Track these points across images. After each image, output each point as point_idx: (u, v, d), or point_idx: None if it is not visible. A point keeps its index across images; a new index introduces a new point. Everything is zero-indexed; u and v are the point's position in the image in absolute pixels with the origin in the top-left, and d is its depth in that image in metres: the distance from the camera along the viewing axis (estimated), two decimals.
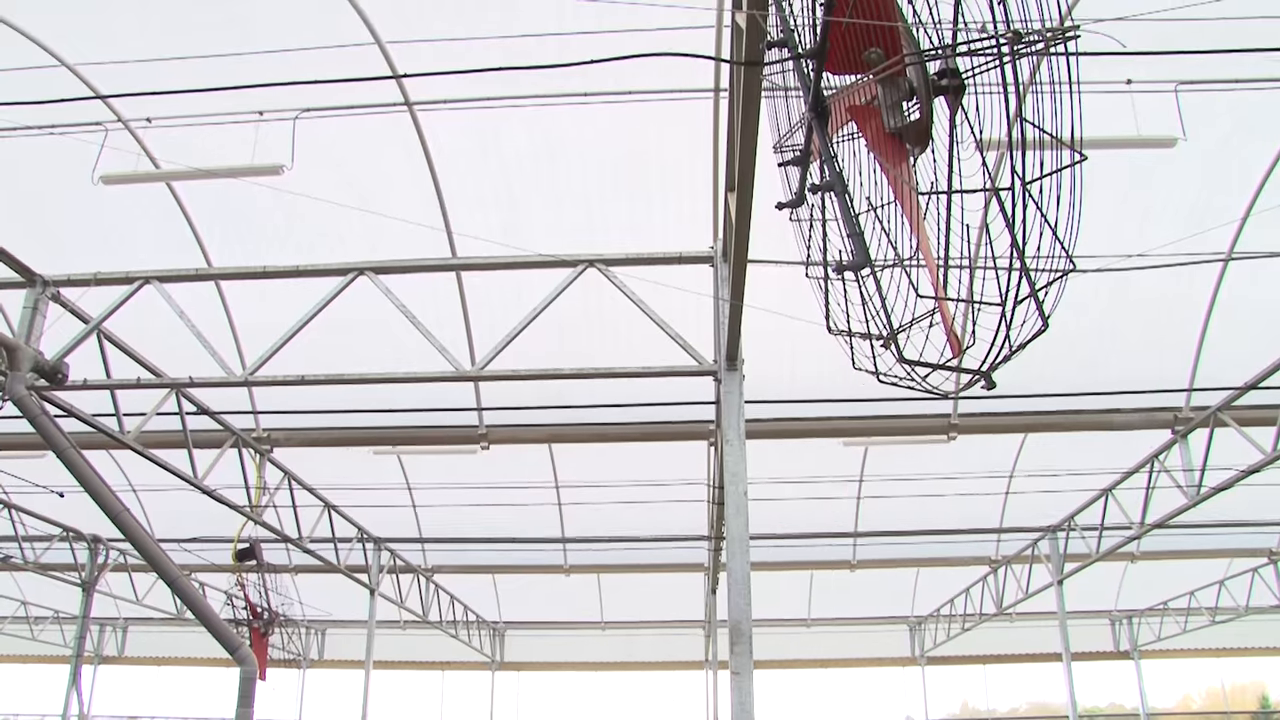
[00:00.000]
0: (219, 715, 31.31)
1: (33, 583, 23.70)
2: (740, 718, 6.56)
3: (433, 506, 19.71)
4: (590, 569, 22.91)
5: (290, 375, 9.63)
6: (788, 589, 24.68)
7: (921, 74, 3.89)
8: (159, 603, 23.05)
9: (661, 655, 28.37)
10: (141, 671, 31.43)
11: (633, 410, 14.70)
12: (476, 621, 26.45)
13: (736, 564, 6.79)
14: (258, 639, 15.97)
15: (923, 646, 27.81)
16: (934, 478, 18.03)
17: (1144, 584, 25.00)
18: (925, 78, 3.88)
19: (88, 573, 18.78)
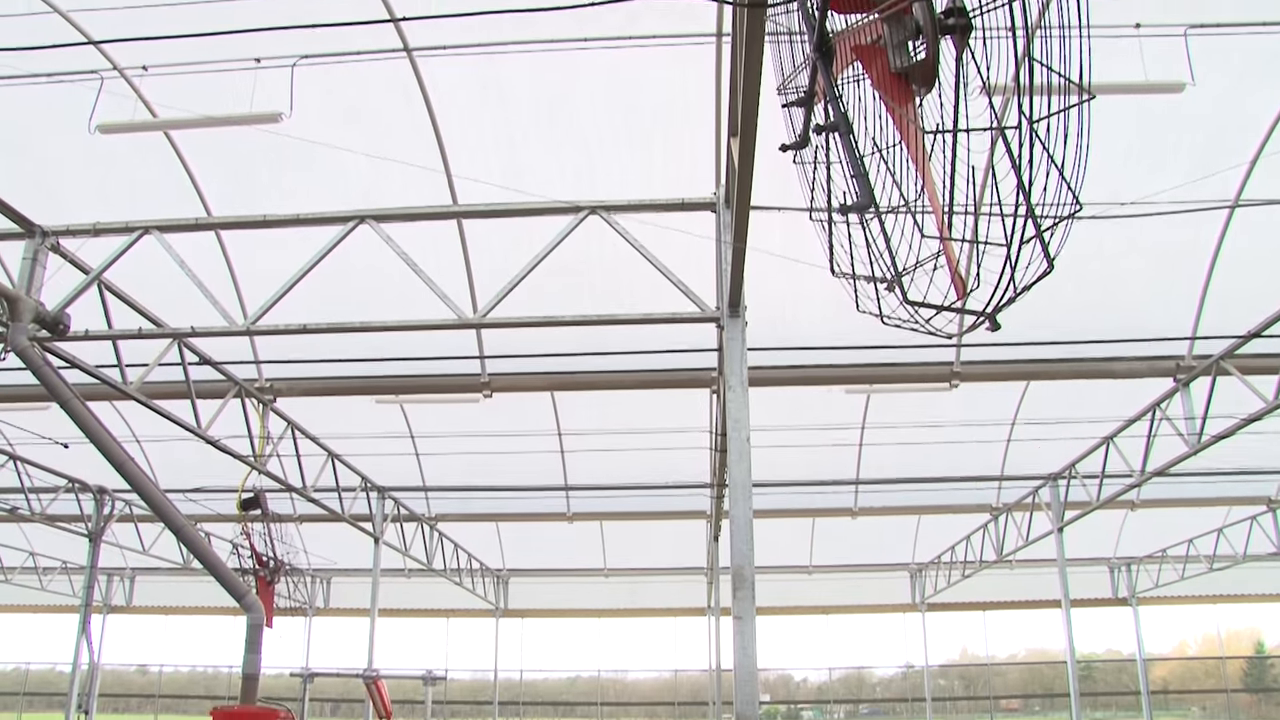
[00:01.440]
0: (226, 663, 31.73)
1: (40, 534, 23.89)
2: (743, 662, 6.61)
3: (436, 455, 19.78)
4: (593, 516, 23.05)
5: (292, 324, 9.61)
6: (790, 536, 24.83)
7: (928, 12, 3.83)
8: (165, 552, 23.25)
9: (664, 602, 28.62)
10: (149, 620, 31.80)
11: (635, 358, 14.69)
12: (480, 569, 26.64)
13: (739, 510, 6.81)
14: (264, 587, 16.07)
15: (923, 593, 28.04)
16: (936, 425, 18.06)
17: (1143, 532, 25.16)
18: (932, 16, 3.82)
19: (94, 523, 18.89)
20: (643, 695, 35.75)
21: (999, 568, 23.86)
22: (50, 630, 33.22)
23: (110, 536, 19.87)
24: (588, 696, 32.96)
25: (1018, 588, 28.08)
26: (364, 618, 19.27)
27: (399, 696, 13.34)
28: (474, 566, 25.96)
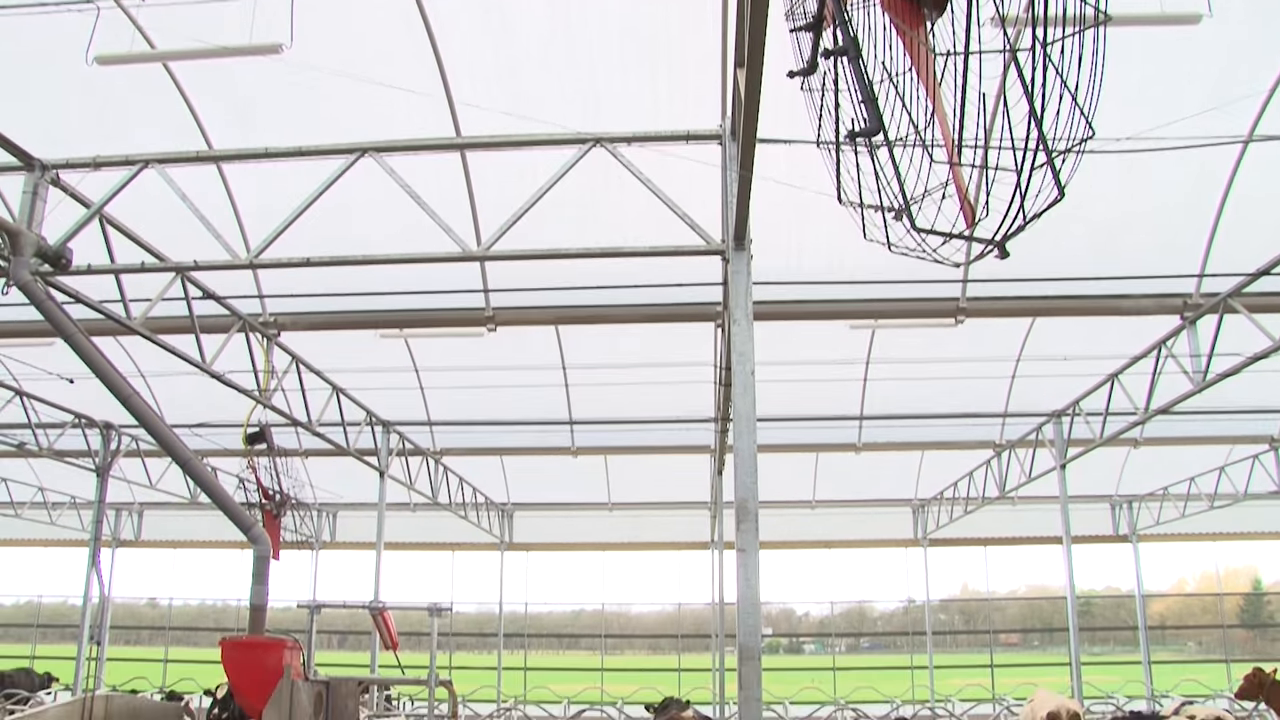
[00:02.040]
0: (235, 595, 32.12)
1: (49, 469, 24.07)
2: (746, 594, 6.66)
3: (440, 389, 19.82)
4: (597, 450, 23.14)
5: (295, 257, 9.58)
6: (793, 471, 24.94)
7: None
8: (173, 487, 23.43)
9: (667, 536, 28.82)
10: (158, 554, 32.12)
11: (640, 292, 14.64)
12: (485, 503, 26.82)
13: (743, 443, 6.82)
14: (270, 521, 16.20)
15: (925, 528, 28.22)
16: (940, 360, 18.05)
17: (1145, 470, 25.24)
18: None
19: (101, 459, 19.01)
20: (646, 628, 36.26)
21: (1001, 504, 23.98)
22: (61, 564, 33.65)
23: (117, 471, 20.02)
24: (592, 629, 33.41)
25: (1019, 524, 28.25)
26: (370, 551, 19.45)
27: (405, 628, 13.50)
28: (479, 500, 26.13)
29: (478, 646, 34.68)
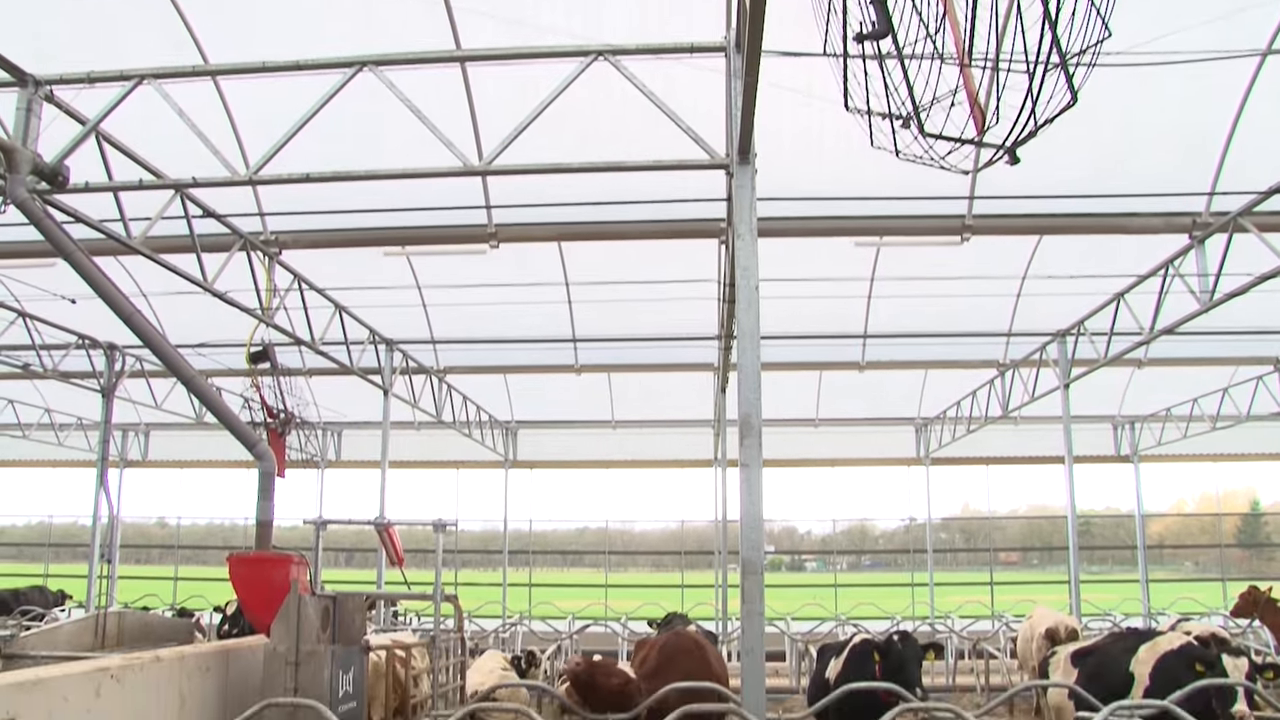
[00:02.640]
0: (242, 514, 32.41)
1: (55, 391, 24.14)
2: (749, 510, 6.68)
3: (443, 306, 19.77)
4: (601, 368, 23.17)
5: (295, 173, 9.47)
6: (796, 389, 24.99)
7: None
8: (178, 407, 23.52)
9: (671, 454, 28.95)
10: (166, 474, 32.35)
11: (644, 208, 14.49)
12: (489, 421, 26.94)
13: (747, 359, 6.79)
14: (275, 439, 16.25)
15: (928, 447, 28.32)
16: (945, 278, 17.94)
17: (1148, 390, 25.25)
18: None
19: (106, 379, 19.04)
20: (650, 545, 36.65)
21: (1003, 424, 24.03)
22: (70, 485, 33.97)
23: (123, 392, 20.06)
24: (595, 546, 33.76)
25: (1021, 444, 28.34)
26: (375, 470, 19.59)
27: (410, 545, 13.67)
28: (482, 419, 26.24)
29: (483, 564, 35.10)
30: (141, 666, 6.15)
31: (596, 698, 8.36)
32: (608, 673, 8.59)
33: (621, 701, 8.35)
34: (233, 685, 7.25)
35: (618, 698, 8.34)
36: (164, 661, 6.41)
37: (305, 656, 7.11)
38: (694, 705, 6.95)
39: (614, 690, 8.35)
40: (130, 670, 6.01)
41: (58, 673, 5.50)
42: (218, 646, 7.69)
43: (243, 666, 7.43)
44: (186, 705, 6.59)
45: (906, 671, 8.75)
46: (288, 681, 7.06)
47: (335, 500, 29.68)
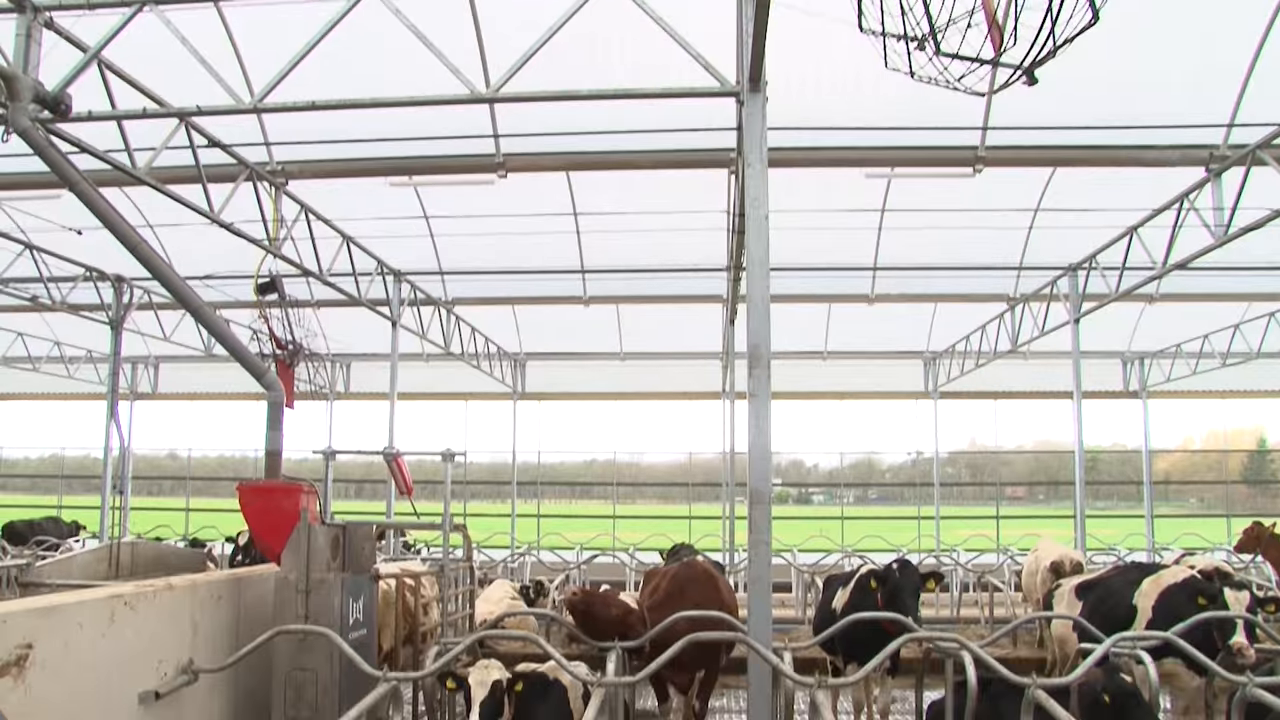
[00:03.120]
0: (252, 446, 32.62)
1: (64, 323, 24.19)
2: (757, 440, 6.68)
3: (451, 237, 19.69)
4: (609, 300, 23.11)
5: (300, 102, 9.37)
6: (805, 321, 24.92)
7: None
8: (187, 339, 23.58)
9: (679, 386, 28.96)
10: (176, 407, 32.49)
11: (653, 137, 14.34)
12: (498, 353, 26.97)
13: (756, 289, 6.74)
14: (284, 370, 16.27)
15: (936, 381, 28.28)
16: (956, 210, 17.79)
17: (1158, 326, 25.13)
18: None
19: (114, 312, 19.05)
20: (657, 477, 36.86)
21: (1012, 358, 23.98)
22: (81, 418, 34.20)
23: (131, 324, 20.08)
24: (603, 478, 33.97)
25: (1029, 379, 28.30)
26: (383, 402, 19.64)
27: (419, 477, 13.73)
28: (491, 350, 26.27)
29: (492, 495, 35.37)
30: (155, 594, 6.21)
31: (595, 628, 8.43)
32: (606, 603, 8.66)
33: (621, 631, 8.42)
34: (245, 613, 7.33)
35: (617, 627, 8.41)
36: (177, 589, 6.47)
37: (315, 584, 7.17)
38: (701, 634, 7.00)
39: (612, 621, 8.42)
40: (144, 597, 6.07)
41: (73, 599, 5.56)
42: (229, 575, 7.76)
43: (254, 595, 7.50)
44: (200, 632, 6.67)
45: (903, 599, 8.79)
46: (299, 609, 7.13)
47: (344, 432, 29.83)
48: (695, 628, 7.37)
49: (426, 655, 8.39)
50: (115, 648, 5.73)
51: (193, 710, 6.58)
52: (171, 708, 6.28)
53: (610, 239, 19.62)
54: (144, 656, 6.04)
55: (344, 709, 5.94)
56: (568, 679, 8.24)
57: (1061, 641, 10.75)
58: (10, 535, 22.04)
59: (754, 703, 6.79)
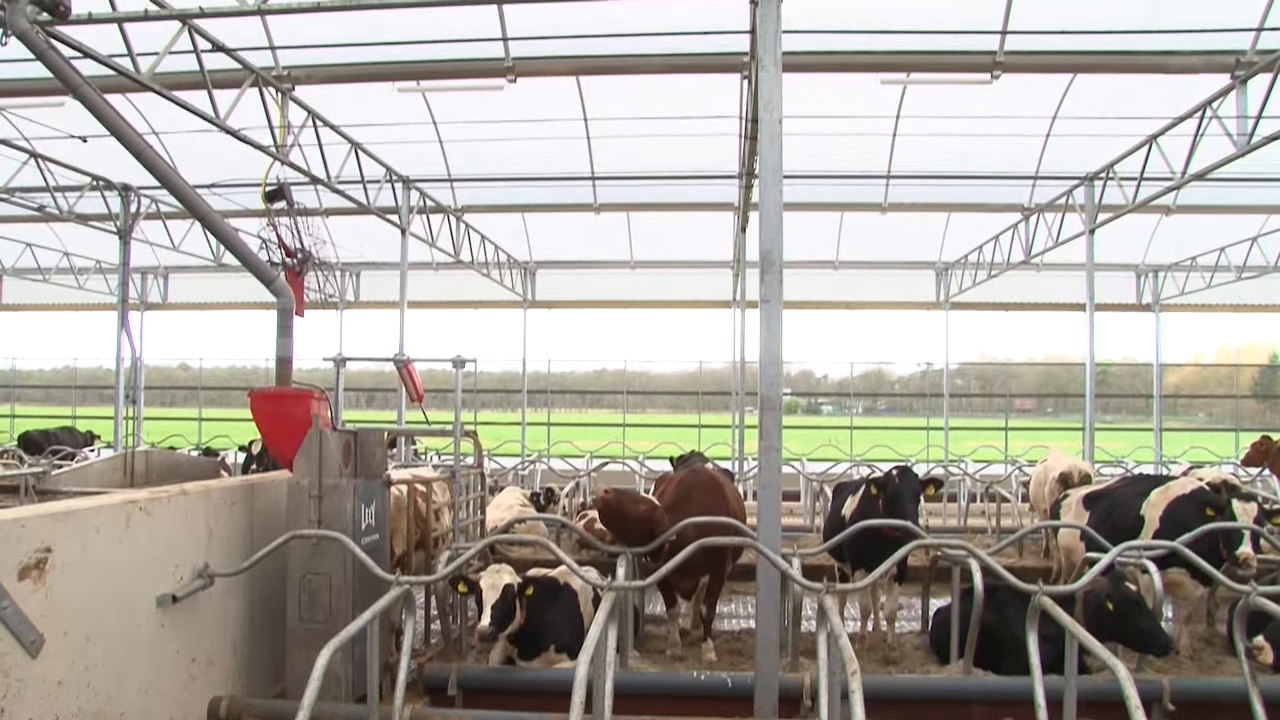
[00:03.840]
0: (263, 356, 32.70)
1: (72, 234, 24.14)
2: (768, 346, 6.64)
3: (460, 142, 19.48)
4: (620, 207, 22.92)
5: (305, 2, 9.19)
6: (817, 230, 24.76)
7: None
8: (196, 249, 23.53)
9: (690, 294, 28.92)
10: (187, 317, 32.56)
11: (665, 40, 14.05)
12: (507, 261, 26.88)
13: (769, 194, 6.65)
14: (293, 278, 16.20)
15: (948, 292, 28.14)
16: (972, 118, 17.50)
17: (1174, 239, 24.88)
18: None
19: (122, 221, 18.97)
20: (667, 386, 36.98)
21: (1025, 270, 23.83)
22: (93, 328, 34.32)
23: (139, 234, 20.01)
24: (614, 387, 34.06)
25: (1042, 291, 28.15)
26: (393, 310, 19.66)
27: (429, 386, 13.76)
28: (501, 259, 26.18)
29: (502, 404, 35.52)
30: (169, 499, 6.26)
31: (624, 526, 8.48)
32: (635, 499, 8.73)
33: (649, 528, 8.49)
34: (258, 518, 7.40)
35: (645, 524, 8.48)
36: (191, 495, 6.52)
37: (328, 490, 7.22)
38: (710, 539, 7.05)
39: (642, 517, 8.48)
40: (158, 503, 6.12)
41: (89, 504, 5.61)
42: (243, 481, 7.82)
43: (267, 501, 7.57)
44: (214, 537, 6.74)
45: (903, 504, 8.84)
46: (311, 514, 7.19)
47: (355, 341, 29.90)
48: (703, 533, 7.43)
49: (438, 560, 8.48)
50: (132, 552, 5.80)
51: (209, 614, 6.68)
52: (188, 611, 6.38)
53: (621, 145, 19.39)
54: (160, 561, 6.11)
55: (357, 612, 6.02)
56: (578, 584, 8.35)
57: (1068, 551, 10.83)
58: (26, 445, 22.25)
59: (762, 608, 6.86)
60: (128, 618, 5.74)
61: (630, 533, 8.48)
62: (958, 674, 8.02)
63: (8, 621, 4.74)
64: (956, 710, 6.87)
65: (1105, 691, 6.54)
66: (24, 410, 36.04)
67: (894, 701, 6.89)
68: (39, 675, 4.96)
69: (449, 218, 21.71)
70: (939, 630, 9.20)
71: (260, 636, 7.39)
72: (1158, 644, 7.25)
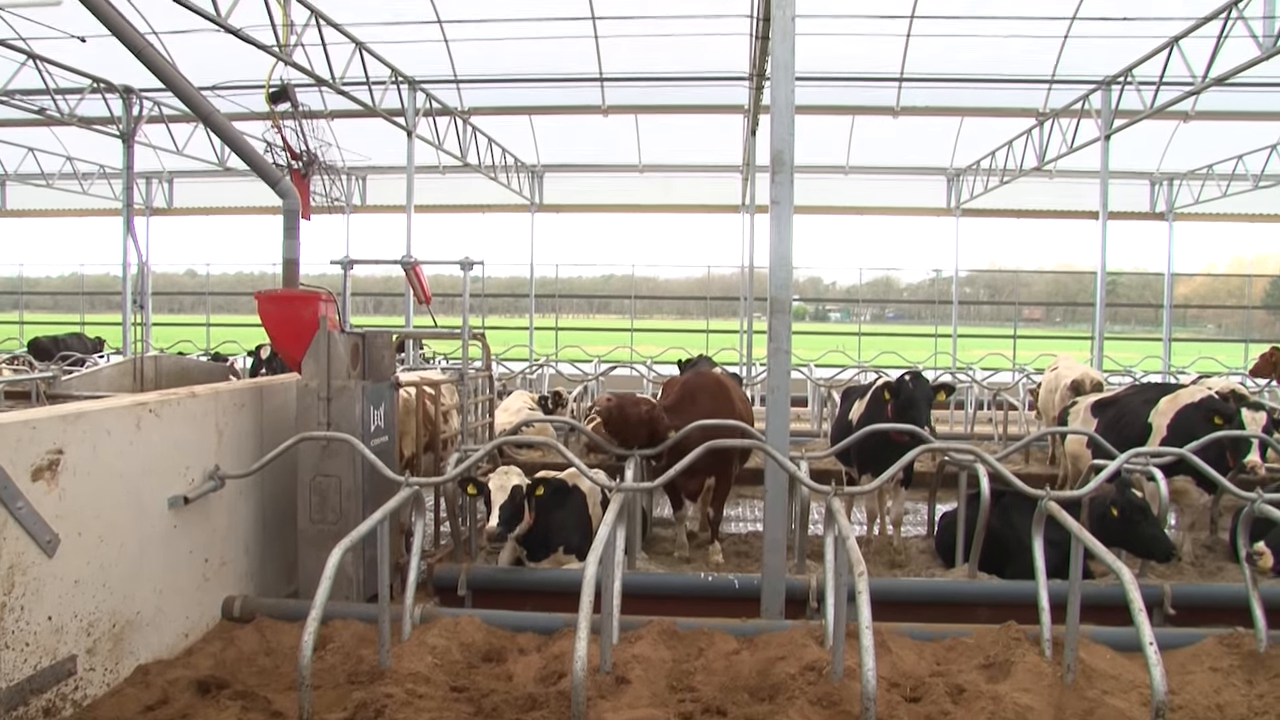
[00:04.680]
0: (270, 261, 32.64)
1: (75, 137, 23.92)
2: (778, 248, 6.57)
3: (467, 41, 19.14)
4: (628, 109, 22.63)
5: None
6: (827, 135, 24.45)
7: None
8: (200, 152, 23.30)
9: (698, 198, 28.70)
10: (192, 223, 32.46)
11: None
12: (515, 165, 26.64)
13: (780, 92, 6.51)
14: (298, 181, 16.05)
15: (959, 198, 27.87)
16: (987, 18, 17.12)
17: (1191, 147, 24.51)
18: None
19: (125, 124, 18.79)
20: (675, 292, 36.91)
21: (1037, 177, 23.55)
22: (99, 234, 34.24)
23: (143, 137, 19.83)
24: (622, 292, 34.00)
25: (1054, 198, 27.86)
26: (400, 214, 19.52)
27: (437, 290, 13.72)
28: (508, 162, 25.94)
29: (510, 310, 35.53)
30: (179, 402, 6.26)
31: (628, 429, 8.51)
32: (635, 402, 8.76)
33: (651, 429, 8.53)
34: (268, 420, 7.42)
35: (647, 425, 8.52)
36: (200, 397, 6.52)
37: (337, 392, 7.22)
38: (717, 441, 7.05)
39: (643, 418, 8.52)
40: (168, 405, 6.12)
41: (99, 406, 5.61)
42: (252, 383, 7.83)
43: (277, 403, 7.57)
44: (225, 439, 6.76)
45: (915, 410, 8.85)
46: (320, 416, 7.19)
47: (361, 245, 29.83)
48: (709, 436, 7.43)
49: (447, 462, 8.53)
50: (143, 454, 5.82)
51: (221, 515, 6.74)
52: (200, 513, 6.43)
53: (630, 45, 19.04)
54: (171, 463, 6.14)
55: (367, 514, 6.07)
56: (587, 485, 8.41)
57: (1075, 458, 10.86)
58: (36, 351, 22.37)
59: (770, 510, 6.90)
60: (141, 519, 5.79)
61: (634, 436, 8.52)
62: (963, 578, 8.11)
63: (23, 521, 4.78)
64: (961, 612, 6.94)
65: (1108, 596, 6.62)
66: (32, 317, 36.12)
67: (899, 604, 6.96)
68: (56, 574, 5.02)
69: (455, 120, 21.43)
70: (944, 535, 9.28)
71: (272, 538, 7.46)
72: (1161, 550, 7.30)
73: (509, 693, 5.32)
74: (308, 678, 4.65)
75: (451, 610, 6.66)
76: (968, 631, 6.20)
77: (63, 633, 5.09)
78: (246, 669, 5.85)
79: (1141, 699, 5.17)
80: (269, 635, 6.30)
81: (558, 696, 5.14)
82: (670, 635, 6.16)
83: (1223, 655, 5.82)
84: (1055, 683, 5.43)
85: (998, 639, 5.98)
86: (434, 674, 5.58)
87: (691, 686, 5.43)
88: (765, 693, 5.35)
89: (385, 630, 5.68)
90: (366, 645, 6.06)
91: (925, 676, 5.57)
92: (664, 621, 6.27)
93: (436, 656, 5.81)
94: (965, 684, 5.40)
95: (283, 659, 5.94)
